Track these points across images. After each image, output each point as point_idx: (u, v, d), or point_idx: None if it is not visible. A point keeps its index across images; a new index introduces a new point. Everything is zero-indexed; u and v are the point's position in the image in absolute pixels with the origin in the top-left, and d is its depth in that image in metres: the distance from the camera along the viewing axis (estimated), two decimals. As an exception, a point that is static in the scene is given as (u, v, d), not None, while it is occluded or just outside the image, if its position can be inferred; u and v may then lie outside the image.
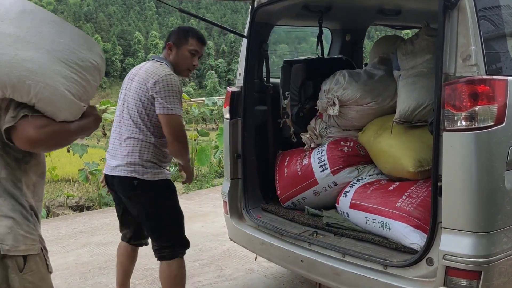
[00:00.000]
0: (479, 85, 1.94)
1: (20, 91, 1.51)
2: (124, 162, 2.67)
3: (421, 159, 2.57)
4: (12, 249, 1.53)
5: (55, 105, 1.57)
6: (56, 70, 1.55)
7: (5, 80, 1.47)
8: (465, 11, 1.97)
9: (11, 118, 1.52)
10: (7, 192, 1.58)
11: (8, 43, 1.48)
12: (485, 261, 1.97)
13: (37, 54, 1.51)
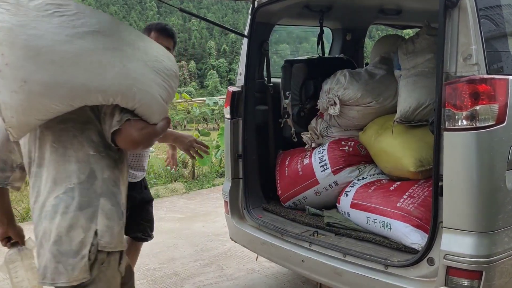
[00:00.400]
0: (480, 85, 1.93)
1: (127, 98, 1.72)
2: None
3: (422, 159, 2.57)
4: (107, 245, 1.73)
5: (151, 109, 1.80)
6: (152, 78, 1.79)
7: (117, 88, 1.69)
8: (466, 11, 1.97)
9: (117, 122, 1.74)
10: (110, 191, 1.77)
11: (117, 56, 1.70)
12: (486, 261, 1.97)
13: (139, 65, 1.75)
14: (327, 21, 3.77)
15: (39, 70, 1.58)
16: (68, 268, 1.68)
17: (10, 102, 1.62)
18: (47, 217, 1.72)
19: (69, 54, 1.60)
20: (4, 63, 1.57)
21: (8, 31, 1.56)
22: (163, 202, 6.74)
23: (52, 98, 1.63)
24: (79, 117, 1.75)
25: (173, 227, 5.33)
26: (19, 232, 2.07)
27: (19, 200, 8.05)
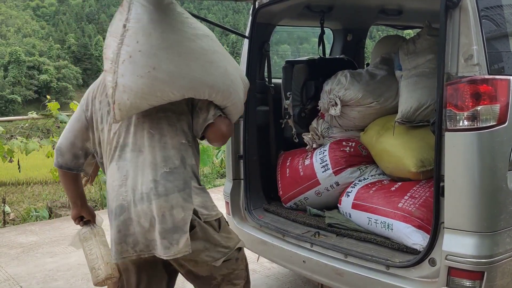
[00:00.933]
0: (481, 85, 1.93)
1: (224, 96, 1.98)
2: None
3: (423, 159, 2.56)
4: (208, 217, 1.97)
5: (237, 110, 2.10)
6: (240, 82, 2.09)
7: (220, 86, 1.94)
8: (467, 11, 1.97)
9: (212, 116, 1.98)
10: (195, 176, 1.99)
11: (221, 59, 1.98)
12: (488, 261, 1.97)
13: (233, 70, 2.03)
14: (328, 21, 3.77)
15: (168, 60, 1.82)
16: (173, 242, 1.88)
17: (132, 85, 1.80)
18: (146, 199, 1.88)
19: (192, 51, 1.88)
20: (137, 49, 1.79)
21: (149, 23, 1.81)
22: (164, 203, 6.75)
23: (172, 86, 1.85)
24: (177, 108, 1.96)
25: (174, 228, 5.34)
26: (90, 212, 2.27)
27: (20, 201, 8.07)
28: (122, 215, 1.91)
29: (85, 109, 2.09)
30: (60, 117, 6.22)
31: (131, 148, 1.94)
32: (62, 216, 6.18)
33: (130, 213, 1.90)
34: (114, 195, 1.94)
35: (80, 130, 2.09)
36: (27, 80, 75.22)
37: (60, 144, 2.11)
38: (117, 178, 1.95)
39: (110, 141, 2.00)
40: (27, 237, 5.17)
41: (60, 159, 2.09)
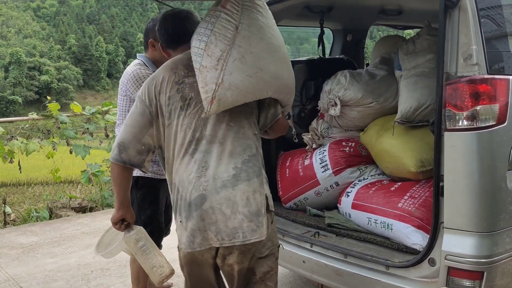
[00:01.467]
0: (480, 85, 1.93)
1: (290, 96, 2.19)
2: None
3: (423, 159, 2.56)
4: (270, 206, 2.07)
5: (288, 109, 2.33)
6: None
7: (291, 87, 2.17)
8: (466, 11, 1.96)
9: (279, 112, 2.20)
10: (263, 164, 2.12)
11: (289, 64, 2.15)
12: (487, 261, 1.97)
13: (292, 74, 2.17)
14: (327, 21, 3.76)
15: (272, 63, 2.01)
16: (259, 225, 1.98)
17: (239, 83, 1.94)
18: (229, 185, 1.98)
19: (284, 55, 2.10)
20: (249, 51, 1.94)
21: (260, 28, 1.98)
22: (164, 203, 6.75)
23: (270, 87, 2.03)
24: (250, 103, 2.06)
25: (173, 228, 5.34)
26: (132, 214, 2.26)
27: (21, 202, 8.08)
28: (203, 204, 1.98)
29: (149, 104, 2.09)
30: (60, 118, 6.22)
31: (208, 140, 2.03)
32: (62, 216, 6.19)
33: (212, 201, 1.97)
34: (192, 187, 1.99)
35: (144, 125, 2.09)
36: (28, 81, 75.25)
37: (123, 139, 2.10)
38: (195, 170, 2.01)
39: (183, 136, 2.04)
40: (27, 237, 5.17)
41: (124, 154, 2.09)
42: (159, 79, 2.10)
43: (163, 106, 2.07)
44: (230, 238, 1.97)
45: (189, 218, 1.99)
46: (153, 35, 2.78)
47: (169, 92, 2.07)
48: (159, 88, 2.09)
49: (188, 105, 2.05)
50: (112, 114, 6.67)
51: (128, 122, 2.12)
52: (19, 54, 75.37)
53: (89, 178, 6.45)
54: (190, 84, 2.06)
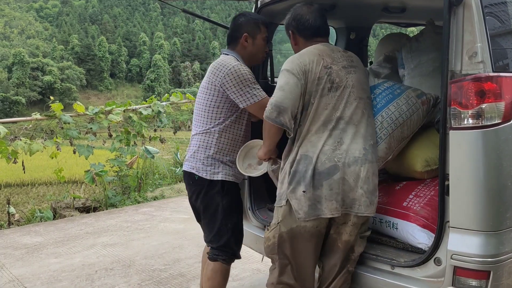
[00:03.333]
0: (485, 83, 1.91)
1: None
2: (190, 157, 2.74)
3: (428, 159, 2.54)
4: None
5: None
6: None
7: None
8: (470, 8, 1.94)
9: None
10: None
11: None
12: (494, 260, 1.95)
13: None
14: (330, 20, 3.73)
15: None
16: (372, 202, 2.29)
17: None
18: (359, 161, 2.26)
19: None
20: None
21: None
22: (168, 203, 6.76)
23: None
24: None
25: (178, 228, 5.34)
26: (276, 153, 2.60)
27: (25, 202, 8.10)
28: (335, 174, 2.23)
29: (301, 77, 2.30)
30: (63, 118, 6.23)
31: (346, 121, 2.31)
32: (66, 216, 6.20)
33: (343, 172, 2.23)
34: (326, 158, 2.25)
35: (298, 96, 2.29)
36: (31, 82, 75.44)
37: (283, 103, 2.28)
38: (331, 144, 2.27)
39: (326, 113, 2.31)
40: (31, 238, 5.18)
41: (282, 117, 2.29)
42: (306, 60, 2.34)
43: (310, 84, 2.30)
44: (348, 207, 2.25)
45: (317, 187, 2.23)
46: (247, 29, 2.75)
47: (319, 73, 2.32)
48: (308, 67, 2.32)
49: (335, 88, 2.33)
50: (115, 114, 6.67)
51: (286, 88, 2.29)
52: (22, 55, 75.57)
53: (92, 178, 6.47)
54: (336, 71, 2.35)
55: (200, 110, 2.72)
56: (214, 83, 2.64)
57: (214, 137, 2.66)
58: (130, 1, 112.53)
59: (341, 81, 2.35)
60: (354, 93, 2.37)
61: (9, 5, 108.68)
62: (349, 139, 2.29)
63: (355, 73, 2.43)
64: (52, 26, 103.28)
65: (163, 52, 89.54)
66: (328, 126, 2.30)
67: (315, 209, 2.23)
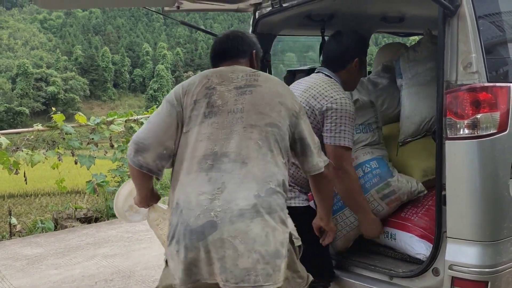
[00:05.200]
0: (480, 93, 1.92)
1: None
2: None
3: (426, 169, 2.54)
4: (297, 242, 1.87)
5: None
6: None
7: None
8: (465, 19, 1.96)
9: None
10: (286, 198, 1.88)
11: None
12: (491, 271, 1.94)
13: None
14: (329, 30, 3.74)
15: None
16: (276, 269, 1.67)
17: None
18: (247, 215, 1.66)
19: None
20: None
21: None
22: (169, 213, 6.75)
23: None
24: (283, 126, 1.86)
25: (179, 238, 5.33)
26: (157, 198, 2.17)
27: (28, 213, 8.11)
28: (211, 234, 1.65)
29: (176, 104, 1.88)
30: (65, 129, 6.26)
31: (231, 158, 1.74)
32: (67, 227, 6.21)
33: (223, 232, 1.65)
34: (201, 211, 1.68)
35: (170, 127, 1.86)
36: (35, 92, 75.81)
37: (144, 139, 1.84)
38: (208, 191, 1.70)
39: (199, 147, 1.79)
40: (32, 249, 5.18)
41: (141, 157, 1.83)
42: (190, 81, 1.95)
43: (186, 110, 1.86)
44: (238, 280, 1.63)
45: (191, 249, 1.67)
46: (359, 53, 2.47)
47: (197, 95, 1.86)
48: (186, 89, 1.90)
49: (214, 113, 1.82)
50: (117, 124, 6.70)
51: (154, 120, 1.89)
52: (26, 66, 76.03)
53: (94, 188, 6.48)
54: (221, 92, 1.85)
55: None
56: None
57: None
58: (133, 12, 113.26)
59: (225, 105, 1.82)
60: (244, 120, 1.80)
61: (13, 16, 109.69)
62: (233, 183, 1.70)
63: (252, 94, 1.86)
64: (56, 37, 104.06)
65: (166, 62, 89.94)
66: (204, 165, 1.75)
67: (191, 275, 1.69)
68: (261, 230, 1.66)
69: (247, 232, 1.65)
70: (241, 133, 1.79)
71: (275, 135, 1.82)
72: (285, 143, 1.86)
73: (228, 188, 1.70)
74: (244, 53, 2.06)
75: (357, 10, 3.63)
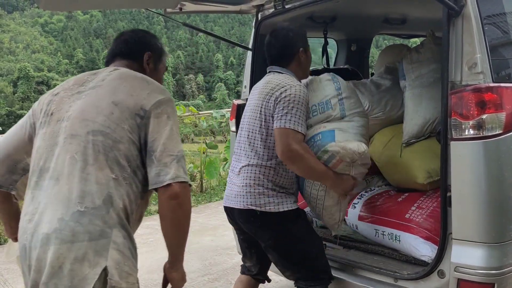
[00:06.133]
0: (486, 93, 1.91)
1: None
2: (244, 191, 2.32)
3: (430, 170, 2.53)
4: (116, 285, 1.48)
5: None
6: None
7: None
8: (469, 19, 1.95)
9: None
10: (121, 224, 1.54)
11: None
12: (498, 272, 1.93)
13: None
14: (331, 32, 3.76)
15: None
16: None
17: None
18: (45, 242, 1.44)
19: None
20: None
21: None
22: (171, 216, 6.73)
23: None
24: (114, 132, 1.55)
25: (181, 241, 5.31)
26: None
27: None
28: (24, 261, 1.51)
29: (31, 114, 1.72)
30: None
31: (49, 175, 1.53)
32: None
33: (30, 258, 1.49)
34: (21, 233, 1.54)
35: (21, 138, 1.70)
36: (36, 96, 75.65)
37: None
38: (29, 212, 1.53)
39: (34, 162, 1.60)
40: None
41: None
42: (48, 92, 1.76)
43: (38, 120, 1.67)
44: None
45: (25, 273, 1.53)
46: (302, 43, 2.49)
47: (42, 104, 1.68)
48: (40, 98, 1.74)
49: (48, 123, 1.61)
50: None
51: (7, 132, 1.77)
52: (27, 69, 76.13)
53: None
54: (60, 99, 1.64)
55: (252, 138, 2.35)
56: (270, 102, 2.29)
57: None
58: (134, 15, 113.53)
59: (59, 112, 1.60)
60: (67, 129, 1.56)
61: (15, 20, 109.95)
62: (45, 203, 1.50)
63: (86, 97, 1.61)
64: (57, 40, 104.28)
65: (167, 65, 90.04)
66: (31, 182, 1.58)
67: None
68: (55, 261, 1.42)
69: (41, 261, 1.45)
70: (61, 145, 1.55)
71: (98, 145, 1.52)
72: (119, 152, 1.53)
73: (40, 209, 1.50)
74: (133, 54, 1.81)
75: (359, 12, 3.63)
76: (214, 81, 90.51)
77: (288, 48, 2.44)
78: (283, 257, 2.41)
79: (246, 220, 2.38)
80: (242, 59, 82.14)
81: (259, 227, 2.35)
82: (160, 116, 1.58)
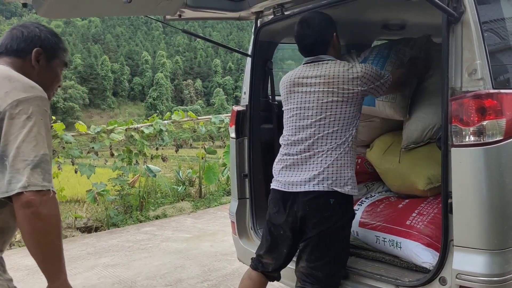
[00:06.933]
0: (486, 100, 1.90)
1: None
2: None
3: (430, 176, 2.52)
4: None
5: None
6: None
7: None
8: (469, 25, 1.95)
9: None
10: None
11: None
12: (500, 279, 1.91)
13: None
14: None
15: None
16: None
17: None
18: None
19: None
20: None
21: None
22: (170, 221, 6.71)
23: None
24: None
25: (180, 247, 5.29)
26: None
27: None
28: None
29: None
30: (65, 138, 6.24)
31: None
32: (67, 237, 6.16)
33: None
34: None
35: None
36: (34, 101, 75.79)
37: None
38: None
39: None
40: (32, 259, 5.13)
41: None
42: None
43: None
44: None
45: None
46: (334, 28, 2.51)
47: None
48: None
49: None
50: (117, 133, 6.69)
51: None
52: (26, 75, 76.09)
53: (94, 198, 6.45)
54: None
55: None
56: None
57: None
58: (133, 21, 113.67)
59: None
60: None
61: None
62: None
63: None
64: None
65: (165, 71, 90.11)
66: None
67: None
68: None
69: None
70: None
71: None
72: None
73: None
74: (20, 51, 1.66)
75: (358, 18, 3.63)
76: (213, 86, 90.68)
77: (324, 34, 2.44)
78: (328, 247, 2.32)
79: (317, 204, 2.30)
80: (241, 64, 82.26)
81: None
82: (17, 117, 1.42)
